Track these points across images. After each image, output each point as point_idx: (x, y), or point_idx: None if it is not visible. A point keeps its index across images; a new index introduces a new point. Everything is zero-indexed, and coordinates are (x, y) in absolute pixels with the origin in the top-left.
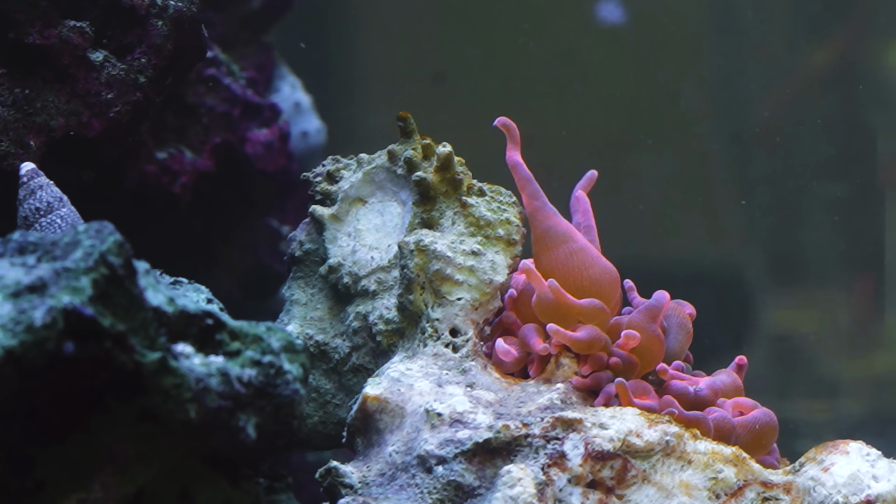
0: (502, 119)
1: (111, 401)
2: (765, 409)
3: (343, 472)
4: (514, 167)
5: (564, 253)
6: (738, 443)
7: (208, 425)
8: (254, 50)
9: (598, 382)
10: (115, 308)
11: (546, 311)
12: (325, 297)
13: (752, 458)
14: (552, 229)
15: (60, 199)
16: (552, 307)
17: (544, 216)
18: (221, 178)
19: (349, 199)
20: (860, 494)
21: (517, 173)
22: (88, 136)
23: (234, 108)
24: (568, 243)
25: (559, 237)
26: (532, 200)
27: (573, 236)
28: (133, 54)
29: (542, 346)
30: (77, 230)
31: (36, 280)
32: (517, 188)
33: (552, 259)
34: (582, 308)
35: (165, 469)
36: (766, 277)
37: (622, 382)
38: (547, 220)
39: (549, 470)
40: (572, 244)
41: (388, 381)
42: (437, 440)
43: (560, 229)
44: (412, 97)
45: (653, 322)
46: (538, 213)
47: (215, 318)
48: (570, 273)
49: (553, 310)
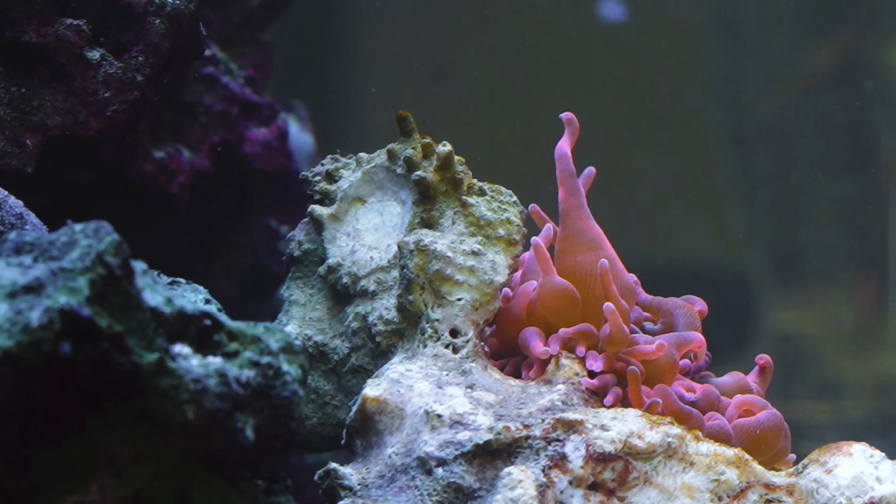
0: (567, 114)
1: (108, 402)
2: (771, 410)
3: (342, 473)
4: (559, 158)
5: (590, 259)
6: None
7: (206, 427)
8: (252, 48)
9: (604, 385)
10: (113, 308)
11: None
12: (323, 297)
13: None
14: (584, 232)
15: (21, 216)
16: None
17: (578, 217)
18: (219, 177)
19: (348, 198)
20: (864, 496)
21: (561, 165)
22: (85, 135)
23: (232, 107)
24: (596, 251)
25: (589, 242)
26: (569, 197)
27: (603, 244)
28: (130, 52)
29: (542, 349)
30: (74, 230)
31: (32, 280)
32: (557, 181)
33: (576, 262)
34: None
35: (163, 471)
36: (769, 277)
37: (634, 370)
38: (580, 221)
39: (549, 472)
40: (600, 252)
41: (387, 383)
42: (436, 442)
43: (591, 234)
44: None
45: (677, 352)
46: (573, 211)
47: (213, 319)
48: (590, 281)
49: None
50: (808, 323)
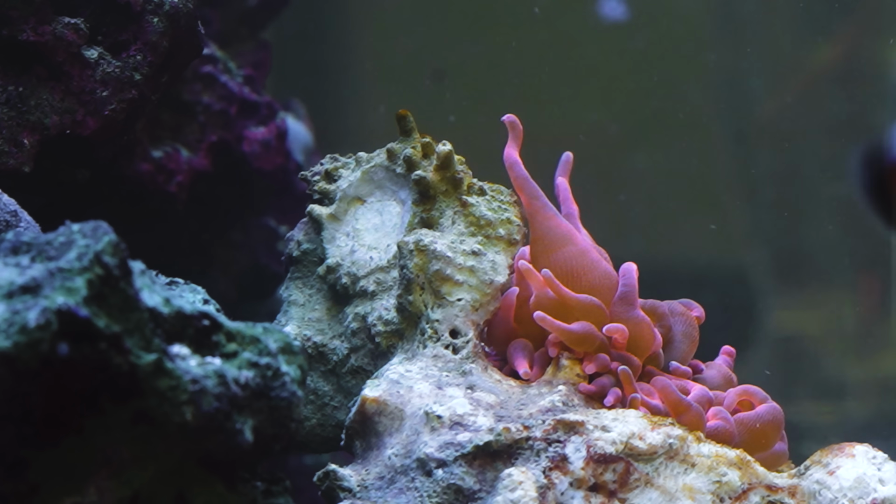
0: (510, 117)
1: (106, 403)
2: (771, 403)
3: (341, 475)
4: (510, 166)
5: (564, 256)
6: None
7: (204, 428)
8: (251, 47)
9: (602, 388)
10: (111, 309)
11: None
12: (323, 297)
13: (754, 455)
14: (552, 231)
15: (15, 213)
16: (551, 305)
17: (544, 217)
18: (218, 176)
19: (348, 198)
20: (866, 498)
21: (513, 172)
22: (83, 134)
23: (230, 106)
24: (568, 246)
25: (559, 239)
26: (532, 200)
27: (574, 239)
28: (128, 51)
29: (524, 370)
30: (72, 229)
31: (30, 280)
32: (514, 188)
33: (551, 261)
34: (579, 302)
35: (161, 472)
36: (771, 277)
37: (626, 370)
38: (547, 220)
39: (550, 473)
40: (572, 247)
41: (387, 383)
42: (436, 443)
43: (560, 231)
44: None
45: (631, 307)
46: (538, 213)
47: (212, 319)
48: (568, 277)
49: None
50: (809, 323)
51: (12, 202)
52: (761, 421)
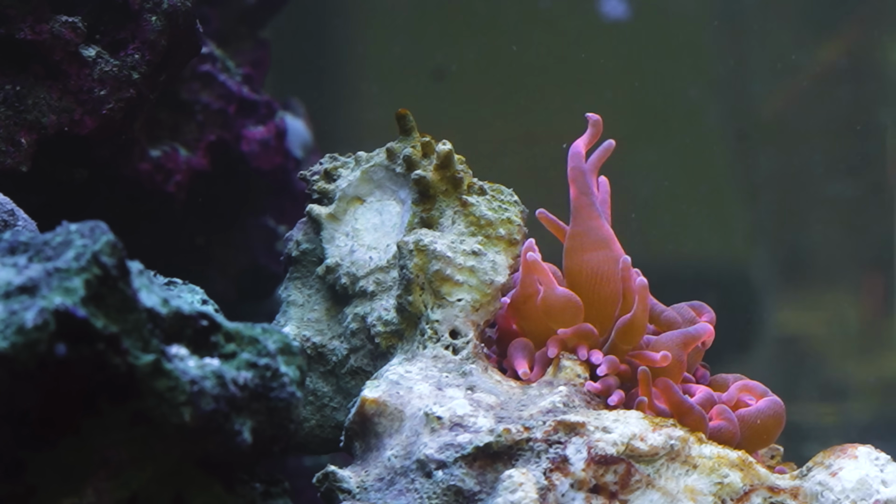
0: (593, 116)
1: (104, 404)
2: (772, 397)
3: (341, 476)
4: (572, 156)
5: (598, 258)
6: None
7: (203, 429)
8: (250, 46)
9: (608, 388)
10: (108, 309)
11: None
12: (322, 298)
13: (752, 453)
14: (594, 231)
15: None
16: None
17: (589, 215)
18: (216, 176)
19: (347, 197)
20: (869, 500)
21: (573, 162)
22: (81, 133)
23: (229, 105)
24: (604, 250)
25: (599, 241)
26: (581, 196)
27: (612, 245)
28: (126, 50)
29: (524, 370)
30: (69, 229)
31: (27, 281)
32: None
33: (584, 261)
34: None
35: (159, 473)
36: (773, 278)
37: (645, 370)
38: (592, 219)
39: (551, 474)
40: (608, 252)
41: (386, 384)
42: (436, 444)
43: (601, 233)
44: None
45: (683, 350)
46: (585, 209)
47: (210, 320)
48: (595, 279)
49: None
50: (812, 324)
51: (9, 201)
52: (762, 416)
